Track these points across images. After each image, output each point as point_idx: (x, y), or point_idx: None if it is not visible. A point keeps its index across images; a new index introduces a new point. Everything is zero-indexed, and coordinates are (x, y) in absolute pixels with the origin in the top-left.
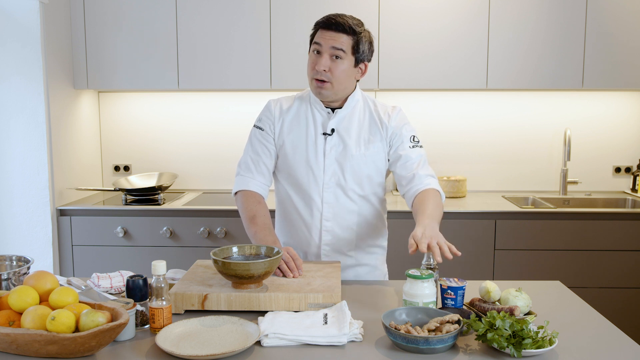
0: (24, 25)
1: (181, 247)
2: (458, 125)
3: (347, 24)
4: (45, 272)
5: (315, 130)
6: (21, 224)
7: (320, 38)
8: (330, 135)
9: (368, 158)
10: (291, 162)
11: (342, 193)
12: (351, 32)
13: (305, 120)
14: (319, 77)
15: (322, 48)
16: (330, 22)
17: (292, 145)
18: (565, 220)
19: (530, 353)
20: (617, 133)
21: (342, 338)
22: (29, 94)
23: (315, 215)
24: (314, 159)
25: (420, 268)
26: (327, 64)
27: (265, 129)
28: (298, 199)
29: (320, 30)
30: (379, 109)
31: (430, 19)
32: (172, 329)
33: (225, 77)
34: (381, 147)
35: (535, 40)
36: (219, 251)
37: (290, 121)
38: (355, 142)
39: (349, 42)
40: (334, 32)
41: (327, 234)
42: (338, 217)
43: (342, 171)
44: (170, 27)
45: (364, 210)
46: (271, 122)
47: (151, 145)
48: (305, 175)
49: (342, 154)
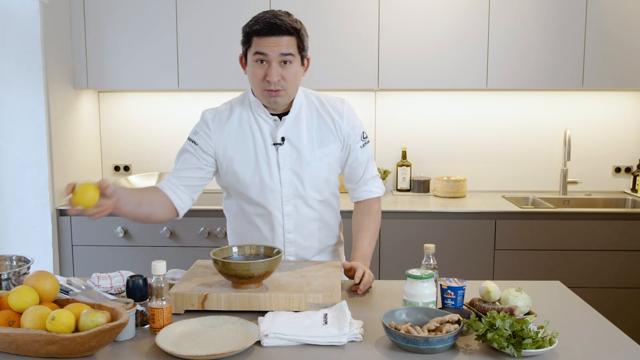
0: (24, 25)
1: (181, 247)
2: (458, 125)
3: (288, 24)
4: (45, 272)
5: (264, 141)
6: (21, 224)
7: (263, 47)
8: (282, 144)
9: (324, 161)
10: (242, 178)
11: (302, 202)
12: (294, 32)
13: (251, 131)
14: (272, 88)
15: (268, 57)
16: (271, 27)
17: (240, 161)
18: (565, 220)
19: (530, 353)
20: (617, 133)
21: (342, 338)
22: (29, 94)
23: (277, 230)
24: (268, 173)
25: (420, 268)
26: (279, 72)
27: (199, 143)
28: (256, 214)
29: (259, 38)
30: (327, 105)
31: (430, 19)
32: (172, 329)
33: (225, 77)
34: (335, 147)
35: (535, 40)
36: (219, 251)
37: (235, 135)
38: (308, 147)
39: (294, 42)
40: (277, 37)
41: (290, 245)
42: (300, 227)
43: (300, 180)
44: (170, 27)
45: (324, 215)
46: (210, 138)
47: (151, 145)
48: (260, 190)
49: (297, 162)
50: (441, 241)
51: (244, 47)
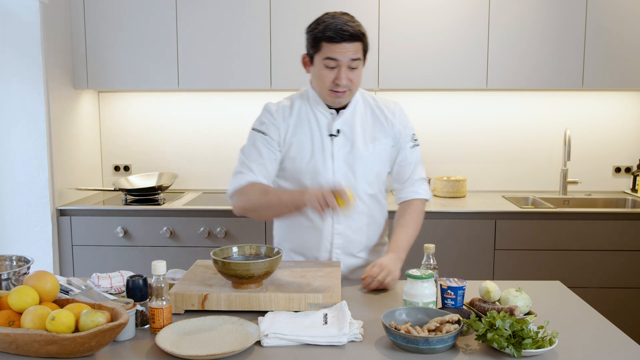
0: (24, 25)
1: (181, 247)
2: (458, 125)
3: (357, 30)
4: (45, 272)
5: (321, 132)
6: (21, 224)
7: (335, 53)
8: (337, 136)
9: (376, 156)
10: (298, 165)
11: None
12: (362, 37)
13: (308, 122)
14: (340, 90)
15: (339, 62)
16: (343, 35)
17: (297, 148)
18: (565, 220)
19: (530, 353)
20: (617, 133)
21: (342, 338)
22: (29, 94)
23: (327, 220)
24: (322, 162)
25: (420, 268)
26: (348, 76)
27: (268, 133)
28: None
29: (331, 44)
30: (381, 104)
31: (430, 19)
32: (172, 329)
33: (225, 77)
34: (387, 143)
35: (535, 40)
36: (219, 251)
37: (294, 124)
38: (362, 140)
39: (360, 47)
40: (347, 43)
41: (338, 237)
42: (349, 219)
43: (353, 172)
44: (170, 27)
45: (373, 211)
46: (275, 127)
47: (151, 145)
48: (314, 178)
49: (351, 154)
50: (441, 241)
51: (311, 49)
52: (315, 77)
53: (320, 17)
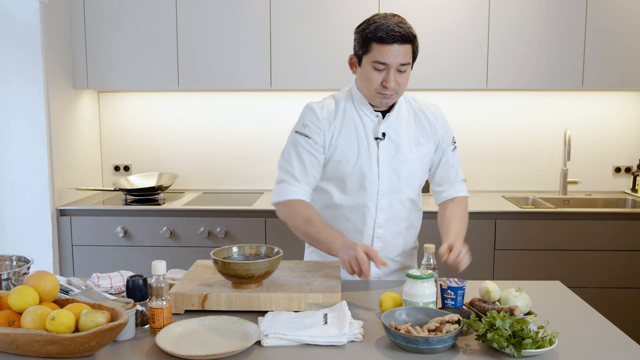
0: (24, 25)
1: (181, 247)
2: (458, 125)
3: (409, 32)
4: (45, 272)
5: (367, 135)
6: (21, 224)
7: (385, 56)
8: (382, 139)
9: (419, 160)
10: (344, 168)
11: (396, 198)
12: (413, 40)
13: (354, 124)
14: (387, 92)
15: (388, 65)
16: (394, 36)
17: (343, 151)
18: (565, 220)
19: (530, 353)
20: (617, 133)
21: (342, 338)
22: (29, 94)
23: (368, 223)
24: (368, 165)
25: (420, 268)
26: (396, 79)
27: (312, 136)
28: (349, 206)
29: (382, 45)
30: (423, 106)
31: (430, 19)
32: (172, 329)
33: (225, 77)
34: (430, 148)
35: (535, 40)
36: (219, 251)
37: (340, 127)
38: (407, 144)
39: (410, 50)
40: (399, 45)
41: (378, 240)
42: (390, 222)
43: (398, 176)
44: (170, 27)
45: (412, 215)
46: (320, 129)
47: (151, 145)
48: (359, 182)
49: (395, 159)
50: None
51: (360, 50)
52: (362, 78)
53: (371, 18)
